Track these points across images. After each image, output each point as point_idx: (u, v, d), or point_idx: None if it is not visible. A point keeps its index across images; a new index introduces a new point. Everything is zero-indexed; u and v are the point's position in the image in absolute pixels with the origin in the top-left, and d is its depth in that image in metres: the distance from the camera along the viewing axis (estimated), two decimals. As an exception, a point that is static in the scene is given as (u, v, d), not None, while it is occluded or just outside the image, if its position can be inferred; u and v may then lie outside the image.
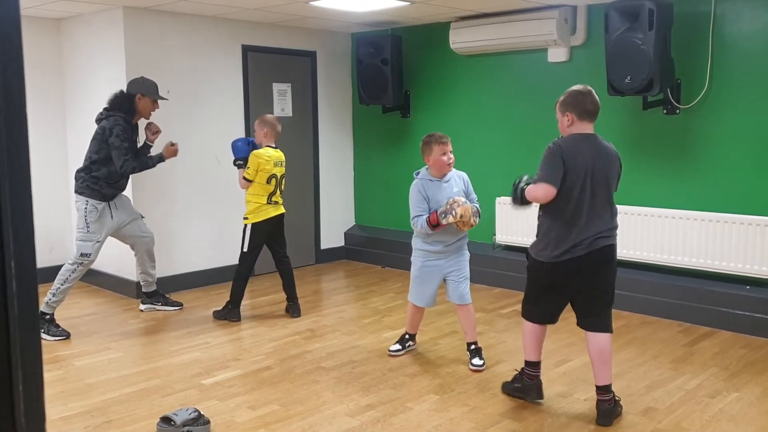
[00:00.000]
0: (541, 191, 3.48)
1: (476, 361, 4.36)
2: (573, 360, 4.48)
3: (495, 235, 6.35)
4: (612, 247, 3.57)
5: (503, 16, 5.96)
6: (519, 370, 3.88)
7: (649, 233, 5.40)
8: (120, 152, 5.00)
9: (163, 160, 5.29)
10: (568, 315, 5.47)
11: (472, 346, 4.43)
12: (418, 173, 4.36)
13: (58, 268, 6.47)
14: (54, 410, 3.70)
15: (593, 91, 3.65)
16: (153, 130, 5.34)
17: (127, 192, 5.53)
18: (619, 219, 5.44)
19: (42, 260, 6.30)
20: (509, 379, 3.96)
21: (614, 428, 3.50)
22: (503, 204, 6.20)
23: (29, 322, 0.92)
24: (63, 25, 6.46)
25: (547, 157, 3.50)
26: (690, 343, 4.80)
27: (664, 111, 5.32)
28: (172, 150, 5.30)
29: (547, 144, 3.64)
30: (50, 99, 6.49)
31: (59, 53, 6.53)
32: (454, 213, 4.07)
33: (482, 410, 3.71)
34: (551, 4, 5.62)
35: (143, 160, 5.19)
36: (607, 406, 3.55)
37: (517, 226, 6.16)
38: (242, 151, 5.25)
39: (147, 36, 5.92)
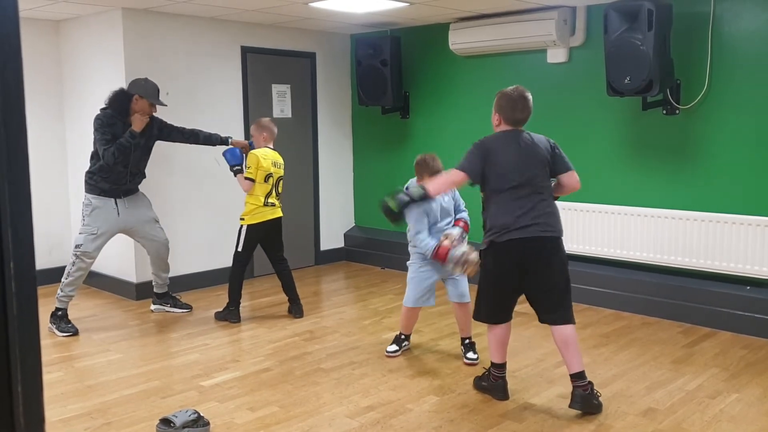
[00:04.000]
0: (452, 175, 3.69)
1: (470, 355, 4.47)
2: (573, 361, 4.48)
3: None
4: (550, 240, 3.65)
5: (502, 17, 5.96)
6: (487, 368, 3.97)
7: (648, 234, 5.40)
8: (100, 143, 5.02)
9: (134, 134, 5.01)
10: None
11: (467, 341, 4.53)
12: (407, 187, 4.22)
13: (57, 269, 6.47)
14: (53, 412, 3.70)
15: (526, 96, 3.74)
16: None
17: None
18: (619, 220, 5.55)
19: (41, 262, 6.32)
20: (480, 375, 4.06)
21: (615, 429, 3.49)
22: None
23: (28, 323, 0.92)
24: (62, 26, 6.46)
25: (470, 151, 3.72)
26: (690, 344, 4.80)
27: (664, 111, 5.31)
28: (136, 118, 5.05)
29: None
30: (49, 101, 6.49)
31: (58, 55, 6.53)
32: (460, 262, 4.10)
33: (482, 411, 3.71)
34: (550, 5, 5.62)
35: (117, 142, 4.98)
36: (582, 392, 3.62)
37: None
38: (237, 158, 5.33)
39: (146, 38, 5.92)
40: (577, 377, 3.65)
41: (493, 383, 3.89)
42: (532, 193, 3.63)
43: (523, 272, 3.66)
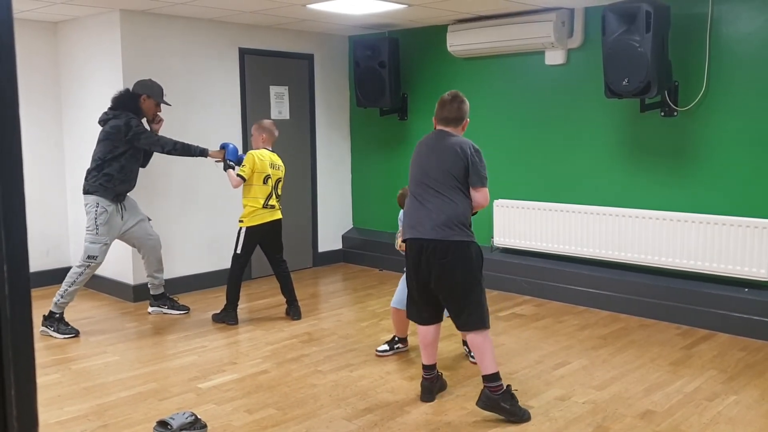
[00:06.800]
0: None
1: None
2: (571, 363, 4.47)
3: (493, 237, 6.35)
4: (441, 243, 3.58)
5: (501, 19, 5.96)
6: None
7: (646, 235, 5.40)
8: (152, 138, 5.14)
9: (205, 156, 5.35)
10: (567, 318, 5.48)
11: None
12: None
13: (54, 271, 6.46)
14: (50, 414, 3.69)
15: (458, 97, 3.76)
16: (157, 121, 5.41)
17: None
18: (617, 221, 5.54)
19: (39, 264, 6.31)
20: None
21: (613, 431, 3.49)
22: (501, 207, 6.20)
23: (22, 326, 0.92)
24: (60, 28, 6.45)
25: None
26: (688, 346, 4.80)
27: (662, 113, 5.31)
28: (216, 153, 5.38)
29: (539, 146, 3.71)
30: (47, 102, 6.48)
31: (56, 56, 6.52)
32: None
33: (480, 413, 3.70)
34: (548, 7, 5.62)
35: (186, 144, 5.29)
36: (488, 393, 3.60)
37: (515, 228, 6.16)
38: (232, 153, 5.35)
39: (144, 39, 5.91)
40: (487, 379, 3.61)
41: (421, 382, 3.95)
42: (432, 193, 3.62)
43: (425, 274, 3.65)
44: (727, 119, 5.04)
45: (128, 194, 5.35)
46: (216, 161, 5.43)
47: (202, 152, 5.31)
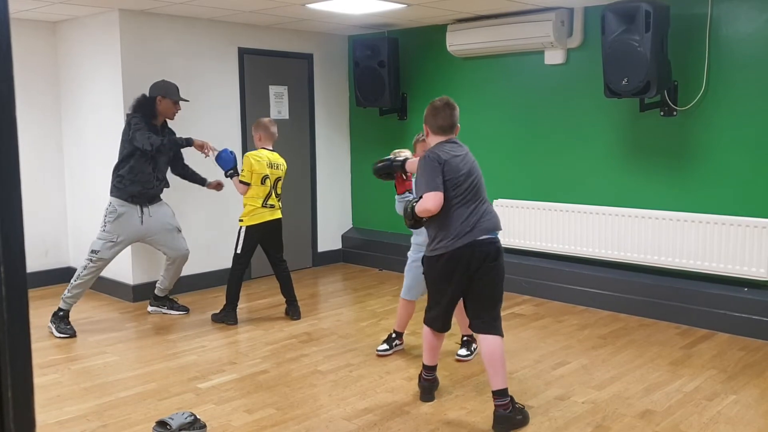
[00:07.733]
0: (431, 200, 3.49)
1: (461, 351, 4.54)
2: (570, 363, 4.47)
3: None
4: (497, 246, 3.61)
5: (500, 19, 5.96)
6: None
7: (646, 235, 5.40)
8: (141, 133, 5.01)
9: (191, 145, 5.16)
10: (566, 318, 5.48)
11: (465, 338, 4.57)
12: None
13: (53, 271, 6.46)
14: (49, 414, 3.69)
15: (450, 104, 3.68)
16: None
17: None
18: (616, 221, 5.55)
19: (38, 264, 6.32)
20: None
21: (613, 431, 3.49)
22: (500, 207, 6.19)
23: (19, 327, 0.91)
24: (59, 28, 6.45)
25: (426, 168, 3.56)
26: (688, 345, 4.79)
27: (661, 113, 5.31)
28: (199, 143, 5.21)
29: (539, 146, 3.67)
30: (46, 102, 6.48)
31: (55, 56, 6.51)
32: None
33: (480, 413, 3.70)
34: (548, 7, 5.62)
35: (173, 137, 5.19)
36: (502, 411, 3.51)
37: (515, 228, 6.15)
38: (231, 161, 5.29)
39: (143, 39, 5.91)
40: (500, 395, 3.53)
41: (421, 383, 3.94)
42: (480, 199, 3.61)
43: (469, 277, 3.57)
44: (726, 119, 5.04)
45: (161, 199, 5.34)
46: (205, 156, 5.35)
47: (188, 141, 5.19)
